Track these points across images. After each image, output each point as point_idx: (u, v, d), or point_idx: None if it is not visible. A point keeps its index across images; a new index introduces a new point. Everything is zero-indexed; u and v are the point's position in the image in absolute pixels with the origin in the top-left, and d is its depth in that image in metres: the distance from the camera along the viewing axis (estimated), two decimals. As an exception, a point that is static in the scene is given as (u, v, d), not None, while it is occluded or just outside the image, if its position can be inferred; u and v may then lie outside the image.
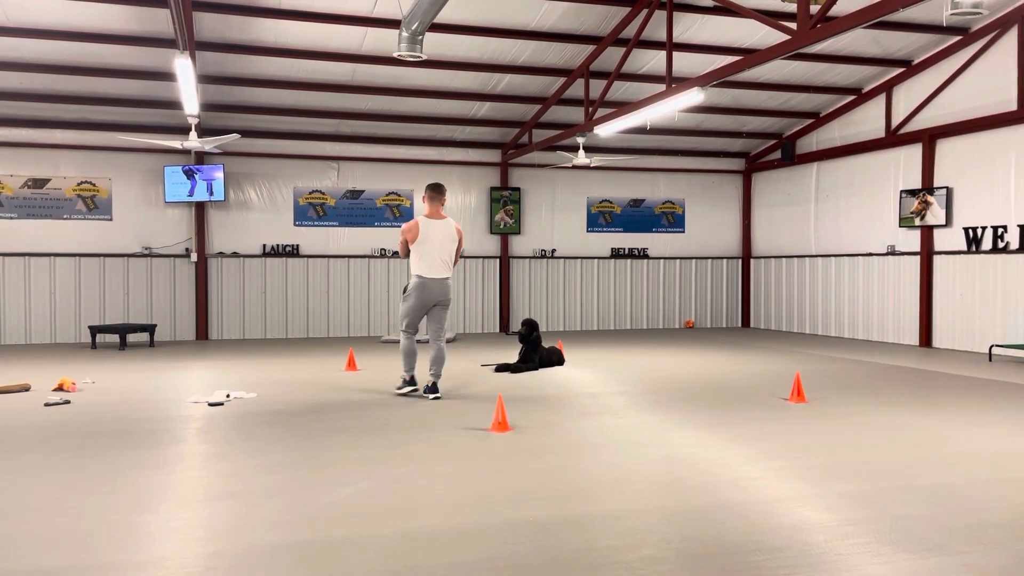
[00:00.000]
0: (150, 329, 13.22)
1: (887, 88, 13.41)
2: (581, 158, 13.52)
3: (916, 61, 12.79)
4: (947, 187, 12.43)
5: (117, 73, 11.72)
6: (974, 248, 12.03)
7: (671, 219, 16.95)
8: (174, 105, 12.54)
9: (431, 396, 7.81)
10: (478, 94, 13.35)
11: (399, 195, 15.37)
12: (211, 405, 7.45)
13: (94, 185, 13.92)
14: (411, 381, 8.06)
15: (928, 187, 12.70)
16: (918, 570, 3.45)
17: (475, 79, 12.81)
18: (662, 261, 16.84)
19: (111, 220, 14.01)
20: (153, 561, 3.57)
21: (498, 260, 15.90)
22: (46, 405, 7.44)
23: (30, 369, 10.05)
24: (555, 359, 10.37)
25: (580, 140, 13.37)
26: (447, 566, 3.50)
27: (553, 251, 16.22)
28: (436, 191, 8.05)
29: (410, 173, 15.42)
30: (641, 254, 16.71)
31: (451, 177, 15.64)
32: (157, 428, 6.47)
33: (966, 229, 12.15)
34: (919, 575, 3.40)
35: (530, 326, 10.12)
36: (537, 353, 10.10)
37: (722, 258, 17.22)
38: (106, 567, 3.49)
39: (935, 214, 12.59)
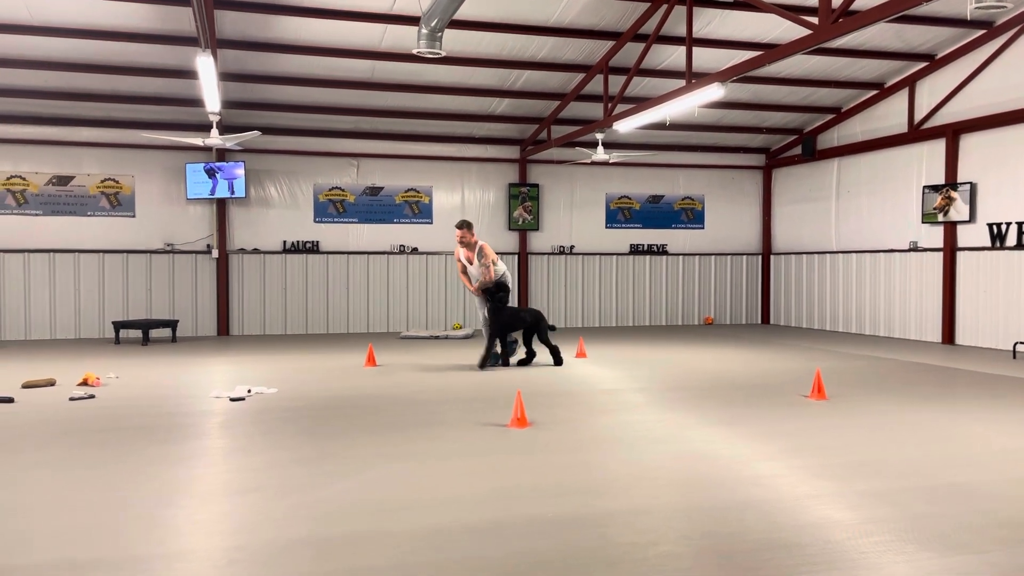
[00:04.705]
0: (172, 325, 13.36)
1: (910, 83, 13.27)
2: (600, 154, 13.49)
3: (940, 55, 12.65)
4: (971, 183, 12.29)
5: (140, 71, 11.84)
6: (998, 244, 11.89)
7: (690, 215, 16.88)
8: (196, 103, 12.66)
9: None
10: (497, 90, 13.36)
11: (418, 191, 15.41)
12: (233, 400, 7.52)
13: (117, 182, 14.07)
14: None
15: (951, 183, 12.56)
16: (941, 569, 3.42)
17: (494, 75, 12.82)
18: (681, 257, 16.78)
19: (134, 217, 14.16)
20: (178, 554, 3.62)
21: (516, 256, 15.91)
22: (71, 399, 7.55)
23: (55, 364, 10.20)
24: (531, 320, 9.93)
25: (599, 136, 13.34)
26: (467, 561, 3.51)
27: (572, 247, 16.20)
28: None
29: (429, 170, 15.46)
30: (660, 250, 16.65)
31: (469, 174, 15.68)
32: (180, 423, 6.54)
33: (990, 225, 12.00)
34: (942, 574, 3.38)
35: (497, 286, 9.79)
36: (499, 317, 9.67)
37: (742, 254, 17.13)
38: (133, 560, 3.53)
39: (958, 210, 12.45)
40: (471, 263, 10.10)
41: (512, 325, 9.89)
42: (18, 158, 13.62)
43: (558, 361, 10.03)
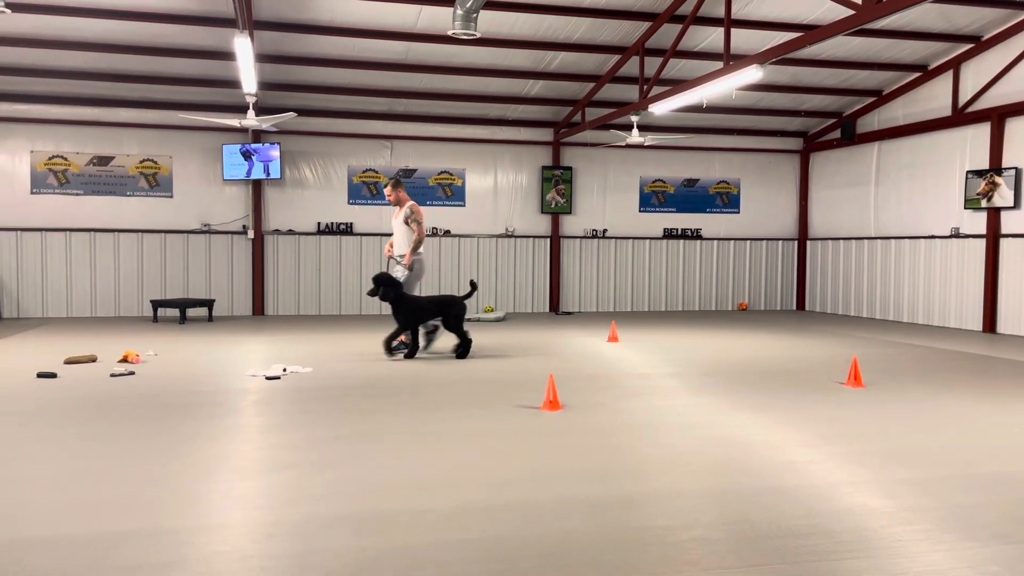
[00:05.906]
0: (208, 304, 13.55)
1: (954, 65, 12.97)
2: (634, 137, 13.37)
3: (985, 37, 12.33)
4: (1016, 168, 12.00)
5: (179, 52, 11.96)
6: (1043, 231, 11.63)
7: (726, 199, 16.70)
8: (233, 84, 12.77)
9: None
10: (531, 72, 13.29)
11: (451, 174, 15.42)
12: (268, 379, 7.63)
13: (156, 163, 14.27)
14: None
15: (996, 167, 12.28)
16: (980, 558, 3.38)
17: (529, 57, 12.75)
18: (716, 242, 16.63)
19: (171, 197, 14.36)
20: (217, 527, 3.69)
21: (548, 240, 15.88)
22: (112, 376, 7.71)
23: (96, 341, 10.41)
24: (437, 308, 9.02)
25: (634, 119, 13.22)
26: (501, 539, 3.54)
27: (604, 231, 16.13)
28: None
29: (462, 152, 15.46)
30: (694, 235, 16.51)
31: (503, 156, 15.66)
32: (217, 400, 6.65)
33: (1035, 211, 11.74)
34: (981, 563, 3.33)
35: (376, 282, 8.89)
36: (401, 311, 8.92)
37: (777, 239, 16.93)
38: (172, 532, 3.61)
39: (1003, 195, 12.17)
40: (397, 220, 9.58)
41: (418, 317, 9.00)
42: (60, 138, 13.86)
43: (460, 353, 9.12)
